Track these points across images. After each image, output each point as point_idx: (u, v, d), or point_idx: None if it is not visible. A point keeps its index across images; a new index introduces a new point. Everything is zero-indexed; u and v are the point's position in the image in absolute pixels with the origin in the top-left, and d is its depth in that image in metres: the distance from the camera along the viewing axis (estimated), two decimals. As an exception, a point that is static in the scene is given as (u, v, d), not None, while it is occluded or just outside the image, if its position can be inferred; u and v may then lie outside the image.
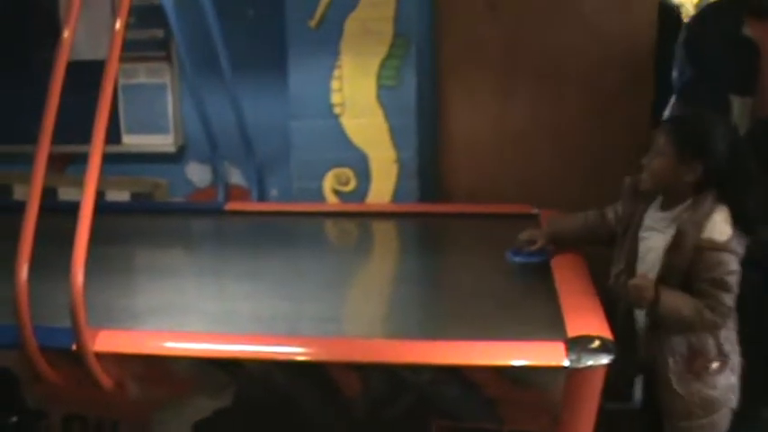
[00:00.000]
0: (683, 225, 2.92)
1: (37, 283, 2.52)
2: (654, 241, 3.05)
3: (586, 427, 2.50)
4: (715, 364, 2.96)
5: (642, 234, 3.11)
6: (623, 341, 3.09)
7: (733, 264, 2.85)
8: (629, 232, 3.15)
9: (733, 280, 2.86)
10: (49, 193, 4.89)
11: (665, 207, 3.05)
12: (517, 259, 3.24)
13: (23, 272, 2.46)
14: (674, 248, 2.93)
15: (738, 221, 2.90)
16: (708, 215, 2.89)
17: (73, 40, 2.61)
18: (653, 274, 2.98)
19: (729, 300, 2.86)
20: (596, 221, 3.33)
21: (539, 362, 2.39)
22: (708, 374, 2.96)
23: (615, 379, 3.17)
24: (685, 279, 2.92)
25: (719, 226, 2.87)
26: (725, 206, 2.90)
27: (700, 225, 2.88)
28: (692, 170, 2.93)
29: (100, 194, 4.80)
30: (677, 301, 2.88)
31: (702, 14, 4.20)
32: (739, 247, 2.89)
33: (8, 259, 2.50)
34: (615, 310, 3.13)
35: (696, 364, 2.95)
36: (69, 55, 2.60)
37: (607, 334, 2.48)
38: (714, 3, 4.17)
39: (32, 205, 2.49)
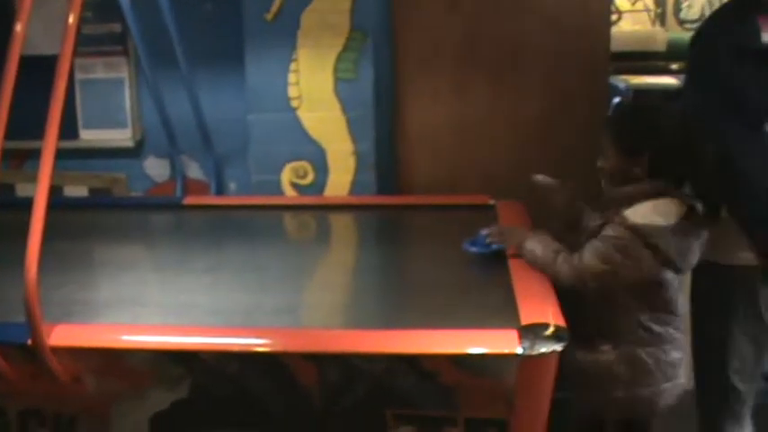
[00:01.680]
0: (617, 194, 3.02)
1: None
2: None
3: (541, 413, 2.53)
4: (606, 347, 3.02)
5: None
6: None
7: (631, 246, 2.85)
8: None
9: (614, 258, 2.85)
10: (6, 189, 4.91)
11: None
12: (474, 249, 3.27)
13: (-23, 267, 2.46)
14: (593, 200, 3.09)
15: (702, 202, 2.96)
16: (638, 198, 2.94)
17: (27, 35, 2.60)
18: None
19: (593, 269, 2.86)
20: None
21: (492, 350, 2.41)
22: (594, 354, 3.02)
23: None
24: None
25: (643, 211, 2.90)
26: (670, 199, 2.94)
27: (629, 202, 2.94)
28: (638, 162, 2.99)
29: (58, 190, 4.83)
30: (540, 245, 3.01)
31: (708, 27, 3.33)
32: (662, 241, 2.86)
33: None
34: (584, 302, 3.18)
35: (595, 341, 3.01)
36: (26, 50, 2.59)
37: (560, 321, 2.51)
38: (718, 10, 3.40)
39: (-15, 200, 2.49)
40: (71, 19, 2.59)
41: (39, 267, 2.42)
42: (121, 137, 5.01)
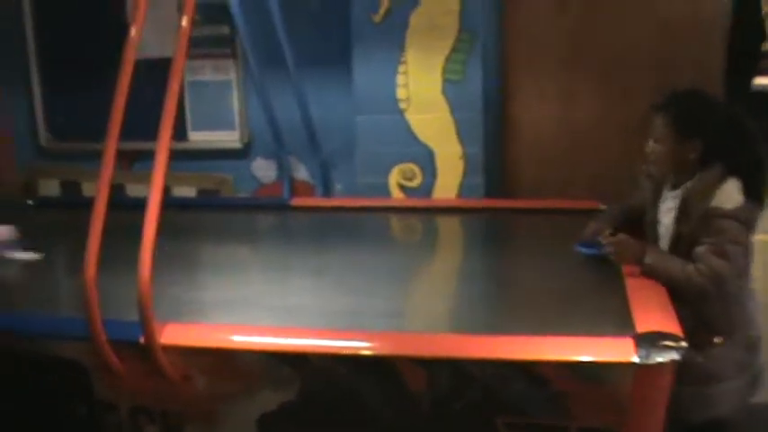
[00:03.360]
0: (687, 192, 2.99)
1: (107, 278, 2.54)
2: (668, 221, 3.10)
3: (656, 423, 2.46)
4: (718, 338, 2.97)
5: (660, 217, 3.16)
6: None
7: (738, 233, 2.87)
8: (648, 217, 3.22)
9: (734, 250, 2.86)
10: (116, 190, 4.99)
11: (675, 186, 3.10)
12: (585, 250, 3.22)
13: (92, 266, 2.48)
14: (680, 216, 3.00)
15: (751, 191, 2.92)
16: (716, 185, 2.93)
17: (140, 39, 2.62)
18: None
19: (723, 268, 2.84)
20: (626, 208, 3.47)
21: (607, 358, 2.35)
22: (709, 349, 2.96)
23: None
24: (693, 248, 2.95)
25: (728, 194, 2.91)
26: (736, 177, 2.93)
27: (707, 194, 2.93)
28: (692, 148, 2.99)
29: (167, 190, 4.89)
30: (666, 262, 2.93)
31: None
32: (750, 218, 2.92)
33: (78, 254, 2.52)
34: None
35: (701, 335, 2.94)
36: (137, 53, 2.61)
37: (676, 330, 2.44)
38: None
39: (100, 201, 2.51)
40: (184, 22, 2.61)
41: (152, 267, 2.45)
42: (229, 138, 5.07)
